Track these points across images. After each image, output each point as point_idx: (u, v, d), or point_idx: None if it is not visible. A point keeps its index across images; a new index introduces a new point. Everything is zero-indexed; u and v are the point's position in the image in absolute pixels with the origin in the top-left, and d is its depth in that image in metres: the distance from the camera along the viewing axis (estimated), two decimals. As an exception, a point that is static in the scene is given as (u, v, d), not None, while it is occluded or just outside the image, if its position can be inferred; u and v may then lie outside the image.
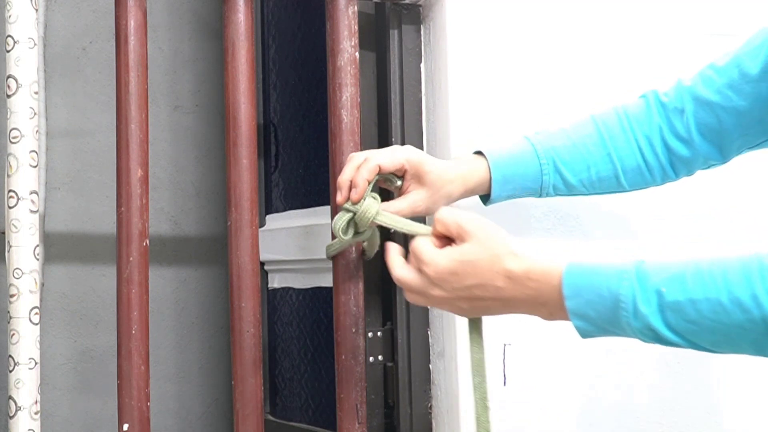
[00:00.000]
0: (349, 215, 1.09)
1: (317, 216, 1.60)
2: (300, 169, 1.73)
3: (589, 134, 1.15)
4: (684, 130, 1.12)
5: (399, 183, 1.12)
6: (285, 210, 1.77)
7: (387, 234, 1.22)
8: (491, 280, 0.92)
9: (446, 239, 0.98)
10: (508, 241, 0.93)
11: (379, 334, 1.36)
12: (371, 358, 1.34)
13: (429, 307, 1.02)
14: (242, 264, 1.19)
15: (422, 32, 1.38)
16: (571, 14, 1.43)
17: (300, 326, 1.72)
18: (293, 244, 1.67)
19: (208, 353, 2.30)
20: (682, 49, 1.51)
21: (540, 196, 1.16)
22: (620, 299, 0.84)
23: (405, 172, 1.11)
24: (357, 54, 1.25)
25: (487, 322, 1.33)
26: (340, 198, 1.09)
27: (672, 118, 1.13)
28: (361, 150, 1.24)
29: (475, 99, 1.35)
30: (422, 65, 1.38)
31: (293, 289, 1.74)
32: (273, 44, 1.84)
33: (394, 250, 1.01)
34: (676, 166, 1.15)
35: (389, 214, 1.09)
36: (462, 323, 1.31)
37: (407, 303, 1.35)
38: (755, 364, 1.48)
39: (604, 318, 0.86)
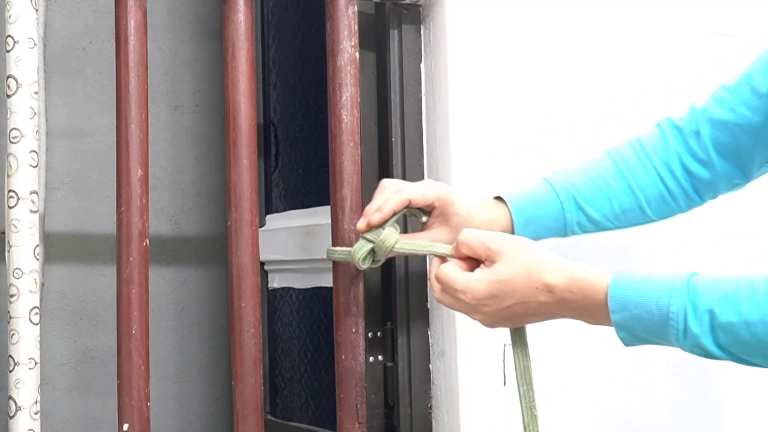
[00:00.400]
0: (369, 246, 1.08)
1: (317, 216, 1.60)
2: (300, 169, 1.73)
3: (606, 168, 1.14)
4: (702, 152, 1.11)
5: (425, 219, 1.11)
6: (285, 210, 1.77)
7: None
8: (532, 296, 0.90)
9: (472, 261, 0.96)
10: (542, 253, 0.91)
11: (379, 334, 1.36)
12: (371, 358, 1.34)
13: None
14: (242, 264, 1.19)
15: (422, 32, 1.38)
16: (571, 14, 1.43)
17: (300, 326, 1.72)
18: (293, 244, 1.67)
19: (208, 353, 2.30)
20: (682, 49, 1.51)
21: (566, 234, 1.14)
22: (670, 317, 0.82)
23: (433, 209, 1.10)
24: (357, 54, 1.25)
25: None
26: (362, 224, 1.08)
27: (689, 141, 1.12)
28: (360, 150, 1.24)
29: (475, 99, 1.35)
30: (422, 65, 1.38)
31: (293, 289, 1.74)
32: (273, 44, 1.84)
33: (435, 268, 0.99)
34: (699, 190, 1.13)
35: (408, 241, 1.08)
36: (462, 323, 1.31)
37: (407, 303, 1.35)
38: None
39: (650, 332, 0.84)
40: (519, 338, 0.98)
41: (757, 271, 0.82)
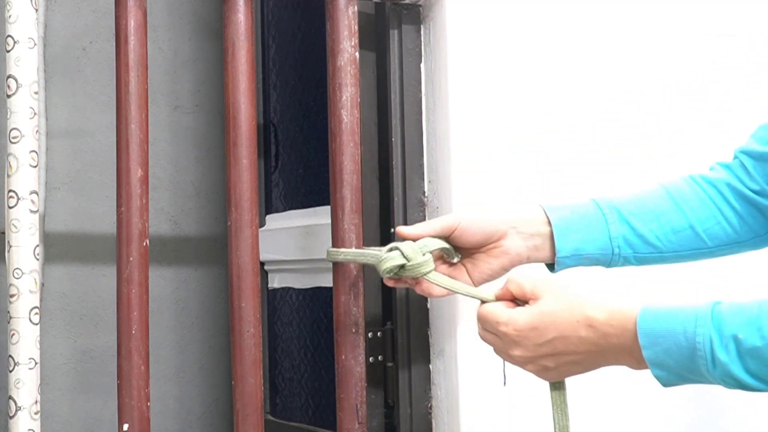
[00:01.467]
0: (401, 262, 1.07)
1: (317, 216, 1.60)
2: (300, 169, 1.73)
3: (654, 189, 1.12)
4: (752, 181, 1.08)
5: (456, 260, 1.10)
6: (285, 210, 1.77)
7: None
8: (573, 330, 0.89)
9: (515, 302, 0.96)
10: (586, 291, 0.91)
11: (379, 334, 1.36)
12: (371, 358, 1.34)
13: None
14: (242, 264, 1.19)
15: (422, 32, 1.38)
16: (571, 14, 1.43)
17: (300, 326, 1.72)
18: (293, 244, 1.67)
19: (208, 353, 2.30)
20: (682, 49, 1.51)
21: (613, 252, 1.08)
22: (697, 347, 0.81)
23: (472, 249, 1.09)
24: (357, 54, 1.25)
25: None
26: (405, 230, 1.07)
27: (737, 173, 1.10)
28: (360, 150, 1.24)
29: (475, 99, 1.35)
30: (422, 65, 1.38)
31: (293, 289, 1.74)
32: (273, 44, 1.84)
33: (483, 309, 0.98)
34: (758, 218, 1.09)
35: (445, 276, 1.07)
36: (462, 323, 1.32)
37: (407, 303, 1.35)
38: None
39: (683, 366, 0.83)
40: (560, 396, 0.98)
41: None
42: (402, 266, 1.07)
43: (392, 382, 1.36)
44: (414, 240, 1.08)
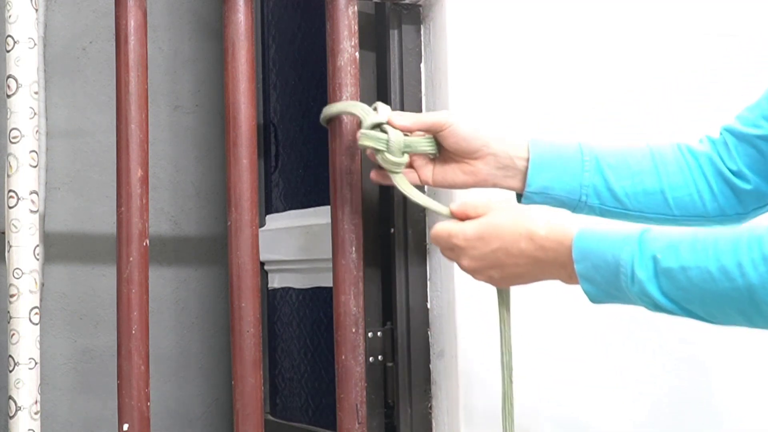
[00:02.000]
0: (381, 147, 1.09)
1: (317, 216, 1.60)
2: (300, 169, 1.73)
3: (639, 149, 1.14)
4: (732, 163, 1.10)
5: (433, 155, 1.13)
6: (285, 210, 1.77)
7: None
8: (515, 242, 0.95)
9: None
10: (532, 210, 0.96)
11: (379, 334, 1.36)
12: (371, 358, 1.34)
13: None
14: (242, 264, 1.19)
15: (422, 32, 1.38)
16: (571, 14, 1.43)
17: (300, 326, 1.72)
18: (293, 244, 1.67)
19: (208, 353, 2.30)
20: (682, 49, 1.51)
21: (580, 198, 1.11)
22: (620, 263, 0.86)
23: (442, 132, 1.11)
24: (357, 54, 1.25)
25: (486, 321, 1.33)
26: (397, 120, 1.10)
27: (720, 150, 1.12)
28: (360, 150, 1.24)
29: (474, 99, 1.35)
30: (422, 65, 1.38)
31: (293, 289, 1.74)
32: (273, 44, 1.84)
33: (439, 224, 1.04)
34: (731, 199, 1.11)
35: (409, 184, 1.11)
36: (462, 324, 1.31)
37: (407, 303, 1.35)
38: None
39: (608, 282, 0.88)
40: (504, 305, 1.07)
41: None
42: (379, 151, 1.09)
43: (392, 382, 1.36)
44: (404, 132, 1.10)
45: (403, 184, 1.11)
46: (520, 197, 1.13)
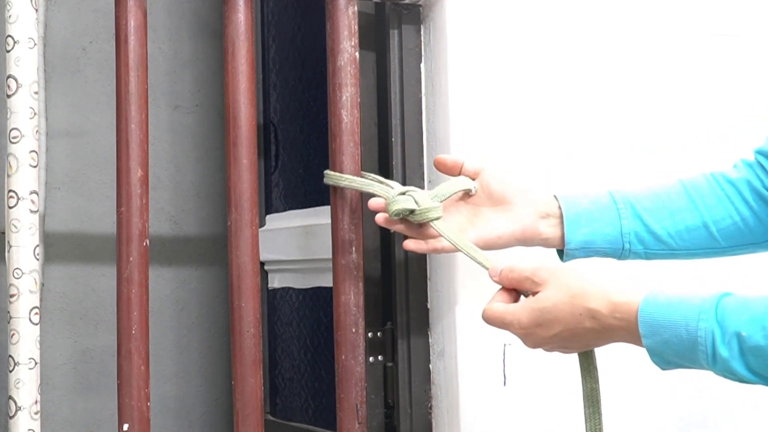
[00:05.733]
0: (412, 206, 1.08)
1: (317, 216, 1.60)
2: (300, 169, 1.73)
3: (672, 186, 1.10)
4: None
5: (474, 190, 1.11)
6: (285, 210, 1.77)
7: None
8: (578, 323, 0.89)
9: (516, 293, 0.96)
10: (586, 277, 0.89)
11: (379, 334, 1.36)
12: (371, 358, 1.34)
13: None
14: (242, 264, 1.19)
15: (422, 32, 1.38)
16: (572, 14, 1.43)
17: (300, 326, 1.72)
18: (293, 244, 1.67)
19: (208, 353, 2.30)
20: (684, 50, 1.51)
21: (623, 247, 1.08)
22: (698, 341, 0.80)
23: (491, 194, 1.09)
24: (357, 54, 1.25)
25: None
26: (442, 157, 1.10)
27: (757, 172, 1.08)
28: (360, 150, 1.24)
29: (475, 99, 1.35)
30: (422, 65, 1.38)
31: (293, 289, 1.74)
32: (273, 44, 1.84)
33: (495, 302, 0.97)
34: None
35: (453, 229, 1.07)
36: (462, 323, 1.31)
37: (407, 303, 1.35)
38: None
39: (682, 356, 0.82)
40: (586, 361, 0.97)
41: None
42: (412, 211, 1.08)
43: (392, 382, 1.36)
44: (448, 169, 1.11)
45: (446, 229, 1.07)
46: (561, 254, 1.09)
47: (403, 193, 1.10)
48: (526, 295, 0.96)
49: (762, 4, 1.58)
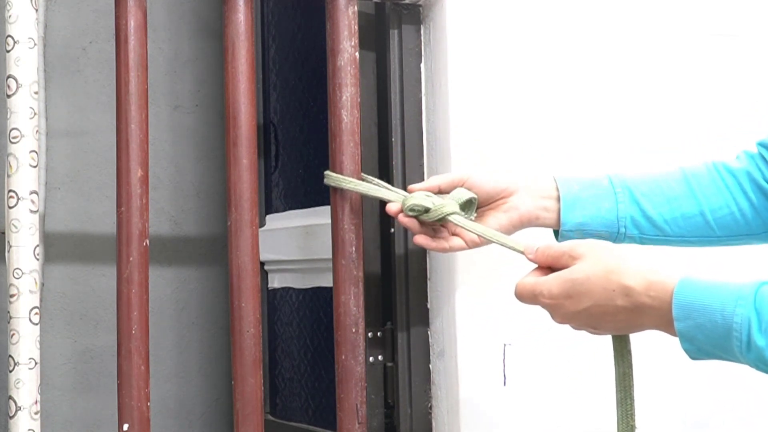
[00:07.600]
0: (428, 204, 1.08)
1: (317, 216, 1.60)
2: (300, 169, 1.73)
3: (671, 173, 1.10)
4: None
5: (473, 216, 1.11)
6: (285, 210, 1.77)
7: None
8: (610, 299, 0.86)
9: (550, 271, 0.93)
10: (624, 255, 0.87)
11: (379, 334, 1.36)
12: (371, 358, 1.34)
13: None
14: (242, 264, 1.19)
15: (422, 32, 1.38)
16: (572, 14, 1.43)
17: (300, 326, 1.72)
18: (293, 244, 1.67)
19: (208, 353, 2.30)
20: (684, 50, 1.51)
21: (618, 231, 1.07)
22: (734, 327, 0.77)
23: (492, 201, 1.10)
24: (357, 54, 1.25)
25: (487, 322, 1.33)
26: (416, 186, 1.11)
27: (758, 164, 1.08)
28: (360, 150, 1.24)
29: (475, 99, 1.35)
30: (422, 65, 1.38)
31: (293, 289, 1.74)
32: (273, 44, 1.84)
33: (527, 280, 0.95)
34: None
35: (473, 222, 1.07)
36: (462, 323, 1.31)
37: (407, 303, 1.36)
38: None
39: (715, 345, 0.80)
40: (620, 344, 0.94)
41: None
42: (427, 210, 1.08)
43: (392, 382, 1.36)
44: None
45: (467, 222, 1.07)
46: (556, 233, 1.10)
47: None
48: None
49: (762, 4, 1.58)
